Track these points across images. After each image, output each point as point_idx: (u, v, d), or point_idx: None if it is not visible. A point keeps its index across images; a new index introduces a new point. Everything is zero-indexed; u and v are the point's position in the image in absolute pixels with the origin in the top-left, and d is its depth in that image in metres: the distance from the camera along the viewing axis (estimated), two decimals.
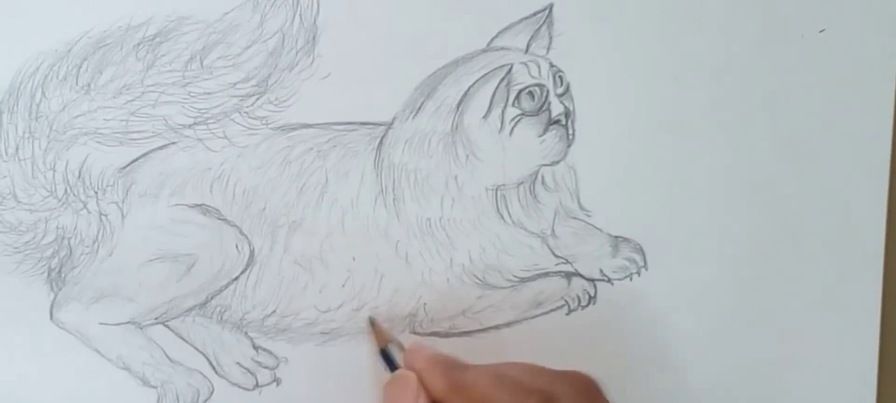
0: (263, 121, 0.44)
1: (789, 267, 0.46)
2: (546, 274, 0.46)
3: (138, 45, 0.43)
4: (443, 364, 0.39)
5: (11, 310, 0.45)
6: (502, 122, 0.44)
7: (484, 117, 0.44)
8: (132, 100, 0.44)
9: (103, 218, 0.44)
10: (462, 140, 0.44)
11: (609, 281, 0.46)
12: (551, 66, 0.45)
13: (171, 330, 0.45)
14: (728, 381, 0.46)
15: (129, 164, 0.44)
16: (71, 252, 0.44)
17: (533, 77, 0.44)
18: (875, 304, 0.46)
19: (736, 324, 0.46)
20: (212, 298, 0.45)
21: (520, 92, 0.44)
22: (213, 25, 0.43)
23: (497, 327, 0.46)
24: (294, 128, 0.44)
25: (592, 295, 0.46)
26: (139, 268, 0.44)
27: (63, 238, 0.44)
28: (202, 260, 0.44)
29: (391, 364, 0.42)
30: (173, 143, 0.44)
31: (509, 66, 0.44)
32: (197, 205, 0.44)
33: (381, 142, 0.45)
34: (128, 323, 0.45)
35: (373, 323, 0.45)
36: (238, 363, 0.46)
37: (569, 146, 0.45)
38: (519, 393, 0.36)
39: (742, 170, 0.45)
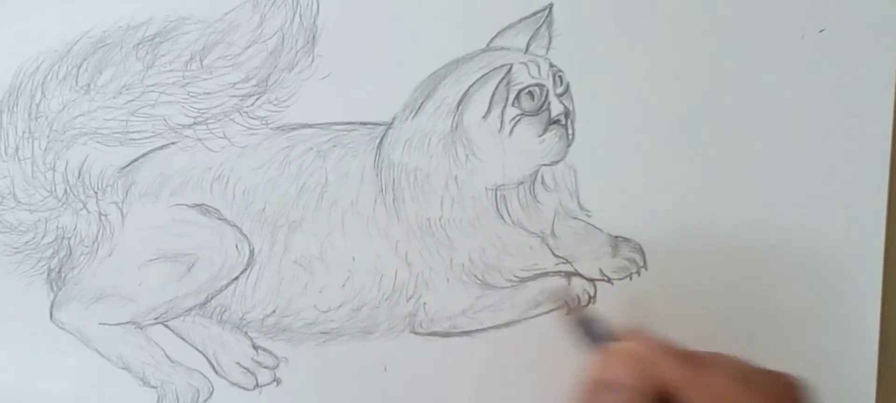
0: (263, 121, 0.44)
1: (789, 267, 0.46)
2: (546, 274, 0.46)
3: (138, 45, 0.43)
4: (680, 351, 0.36)
5: (11, 310, 0.45)
6: (502, 122, 0.44)
7: (484, 117, 0.44)
8: (132, 100, 0.44)
9: (103, 218, 0.44)
10: (462, 140, 0.44)
11: (609, 280, 0.46)
12: (551, 65, 0.45)
13: (171, 330, 0.45)
14: None
15: (129, 164, 0.44)
16: (71, 252, 0.44)
17: (533, 77, 0.44)
18: (875, 304, 0.46)
19: (735, 324, 0.46)
20: (212, 298, 0.45)
21: (520, 92, 0.44)
22: (212, 25, 0.43)
23: (497, 327, 0.46)
24: (294, 128, 0.44)
25: (592, 294, 0.46)
26: (139, 268, 0.44)
27: (63, 238, 0.44)
28: (202, 260, 0.44)
29: (593, 337, 0.39)
30: (173, 143, 0.44)
31: (509, 66, 0.44)
32: (197, 205, 0.45)
33: (380, 142, 0.45)
34: (128, 322, 0.45)
35: (580, 314, 0.41)
36: (238, 362, 0.46)
37: (568, 146, 0.45)
38: (761, 398, 0.34)
39: (742, 169, 0.45)
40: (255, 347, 0.46)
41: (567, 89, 0.45)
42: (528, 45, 0.44)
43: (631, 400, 0.34)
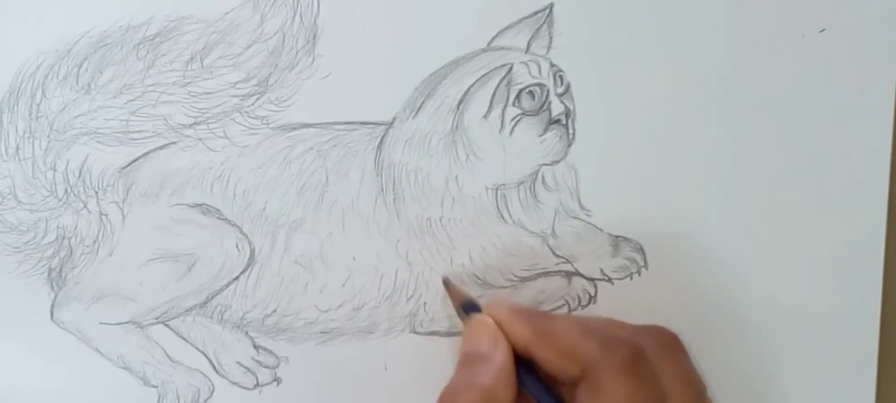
0: (264, 121, 0.44)
1: (789, 267, 0.46)
2: (546, 274, 0.46)
3: (139, 44, 0.43)
4: (526, 312, 0.39)
5: (12, 310, 0.45)
6: (502, 122, 0.44)
7: (484, 117, 0.44)
8: (132, 100, 0.44)
9: (104, 217, 0.44)
10: (462, 139, 0.44)
11: (609, 280, 0.46)
12: (552, 65, 0.45)
13: (172, 330, 0.45)
14: (727, 381, 0.46)
15: (129, 164, 0.44)
16: (71, 251, 0.44)
17: (533, 76, 0.44)
18: (875, 304, 0.46)
19: (735, 324, 0.46)
20: (212, 298, 0.45)
21: (520, 91, 0.44)
22: (213, 25, 0.43)
23: None
24: (294, 128, 0.44)
25: (592, 294, 0.46)
26: (139, 268, 0.45)
27: (63, 238, 0.44)
28: (202, 259, 0.45)
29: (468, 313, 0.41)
30: (174, 143, 0.44)
31: (510, 66, 0.44)
32: (197, 205, 0.45)
33: (381, 142, 0.45)
34: (128, 322, 0.45)
35: (448, 283, 0.44)
36: (238, 362, 0.46)
37: (569, 146, 0.45)
38: (608, 343, 0.36)
39: (742, 169, 0.45)
40: (256, 346, 0.46)
41: (568, 89, 0.45)
42: (528, 45, 0.44)
43: (494, 366, 0.37)
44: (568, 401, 0.37)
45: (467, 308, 0.41)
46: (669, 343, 0.38)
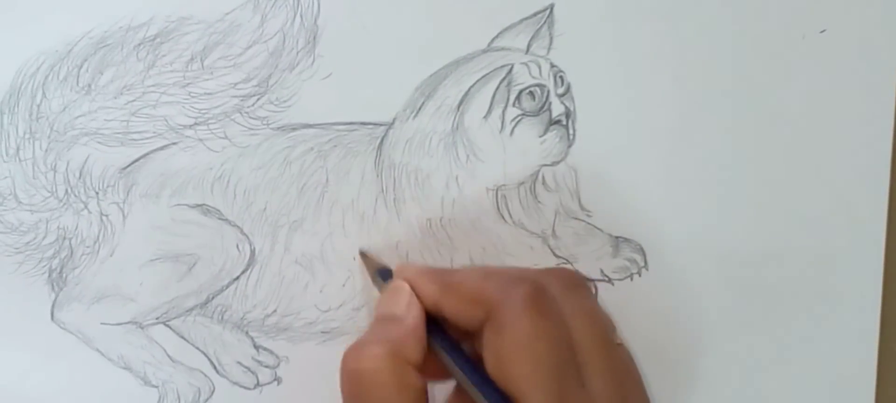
0: (264, 122, 0.44)
1: (789, 268, 0.46)
2: None
3: (139, 45, 0.43)
4: (432, 271, 0.40)
5: (12, 311, 0.45)
6: (503, 123, 0.44)
7: (484, 117, 0.44)
8: (133, 101, 0.44)
9: (104, 218, 0.44)
10: (462, 140, 0.44)
11: (609, 281, 0.46)
12: (552, 66, 0.45)
13: (172, 330, 0.45)
14: (728, 381, 0.47)
15: (129, 165, 0.44)
16: (72, 252, 0.44)
17: (534, 77, 0.44)
18: (875, 304, 0.46)
19: (736, 324, 0.46)
20: (213, 298, 0.45)
21: (520, 92, 0.44)
22: (213, 26, 0.43)
23: None
24: (295, 129, 0.44)
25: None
26: (140, 268, 0.45)
27: (64, 238, 0.44)
28: (203, 260, 0.45)
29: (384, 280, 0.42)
30: (174, 144, 0.44)
31: (510, 67, 0.44)
32: (198, 205, 0.45)
33: (381, 142, 0.45)
34: (129, 322, 0.45)
35: (364, 254, 0.45)
36: (239, 362, 0.46)
37: (569, 146, 0.45)
38: (509, 282, 0.36)
39: (742, 170, 0.45)
40: (256, 346, 0.46)
41: (568, 89, 0.45)
42: (529, 46, 0.44)
43: (405, 325, 0.38)
44: (477, 350, 0.37)
45: (383, 275, 0.42)
46: (574, 281, 0.38)
